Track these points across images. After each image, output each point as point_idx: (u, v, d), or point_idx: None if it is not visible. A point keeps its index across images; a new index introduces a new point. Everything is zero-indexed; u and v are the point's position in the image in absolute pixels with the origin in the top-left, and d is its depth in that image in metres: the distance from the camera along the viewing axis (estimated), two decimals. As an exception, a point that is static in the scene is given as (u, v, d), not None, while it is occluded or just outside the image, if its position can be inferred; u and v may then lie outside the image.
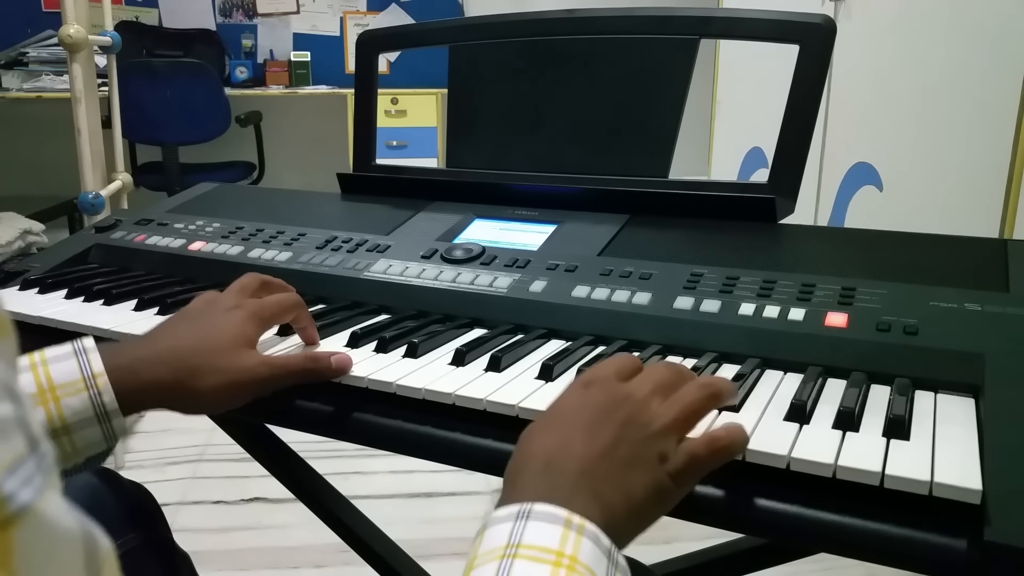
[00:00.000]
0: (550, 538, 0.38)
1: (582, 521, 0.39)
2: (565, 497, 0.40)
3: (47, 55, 3.51)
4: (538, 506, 0.39)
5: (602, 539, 0.39)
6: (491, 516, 0.41)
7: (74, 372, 0.53)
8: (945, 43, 2.02)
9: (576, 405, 0.47)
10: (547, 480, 0.42)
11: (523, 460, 0.44)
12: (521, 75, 0.93)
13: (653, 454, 0.44)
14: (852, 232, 0.77)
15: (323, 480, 1.08)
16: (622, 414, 0.45)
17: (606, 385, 0.48)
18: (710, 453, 0.45)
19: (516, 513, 0.39)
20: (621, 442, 0.44)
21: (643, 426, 0.45)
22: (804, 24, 0.79)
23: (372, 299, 0.76)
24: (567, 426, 0.45)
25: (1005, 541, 0.39)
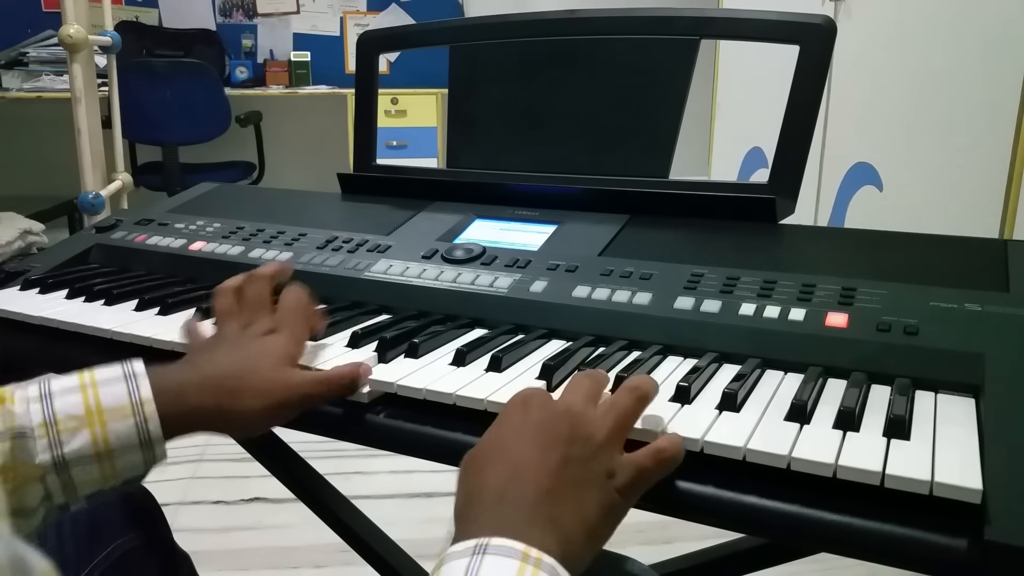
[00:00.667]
0: (507, 573, 0.38)
1: (539, 555, 0.39)
2: (521, 529, 0.40)
3: (47, 55, 3.51)
4: (495, 540, 0.39)
5: (559, 572, 0.39)
6: (447, 552, 0.40)
7: (122, 397, 0.52)
8: (945, 43, 2.02)
9: (518, 427, 0.47)
10: (502, 512, 0.42)
11: (475, 493, 0.44)
12: (521, 75, 0.93)
13: (601, 471, 0.45)
14: (852, 232, 0.77)
15: (323, 480, 1.08)
16: (564, 430, 0.46)
17: (543, 401, 0.48)
18: (657, 464, 0.46)
19: (473, 548, 0.39)
20: (569, 462, 0.44)
21: (587, 440, 0.46)
22: (804, 24, 0.79)
23: (372, 299, 0.76)
24: (514, 452, 0.45)
25: (1005, 541, 0.39)
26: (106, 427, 0.52)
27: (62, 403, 0.52)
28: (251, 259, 0.84)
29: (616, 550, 0.54)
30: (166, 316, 0.73)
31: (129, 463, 0.53)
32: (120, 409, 0.52)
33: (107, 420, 0.52)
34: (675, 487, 0.48)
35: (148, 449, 0.53)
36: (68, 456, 0.51)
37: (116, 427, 0.52)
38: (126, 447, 0.52)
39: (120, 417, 0.52)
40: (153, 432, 0.52)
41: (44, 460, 0.50)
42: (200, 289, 0.80)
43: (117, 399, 0.52)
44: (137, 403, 0.52)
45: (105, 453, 0.52)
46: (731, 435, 0.48)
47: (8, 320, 0.75)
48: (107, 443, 0.51)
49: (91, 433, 0.51)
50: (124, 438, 0.52)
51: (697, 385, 0.55)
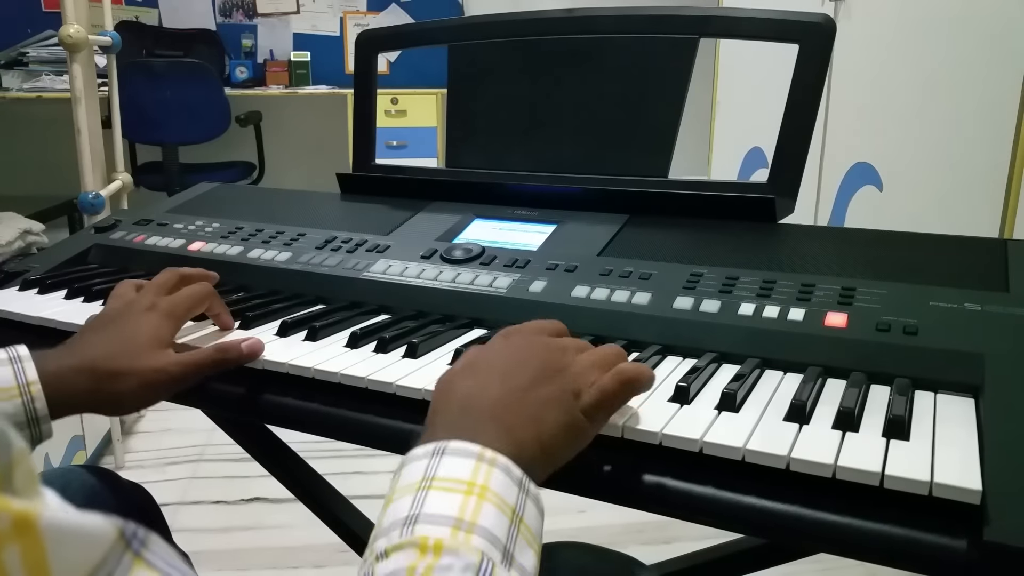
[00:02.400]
0: (463, 470, 0.40)
1: (494, 455, 0.41)
2: (478, 434, 0.43)
3: (47, 55, 3.51)
4: (453, 443, 0.42)
5: (513, 470, 0.41)
6: (409, 454, 0.42)
7: (9, 379, 0.55)
8: (945, 43, 2.02)
9: (496, 352, 0.50)
10: (463, 421, 0.45)
11: (442, 404, 0.47)
12: (521, 75, 0.93)
13: (567, 392, 0.47)
14: (852, 232, 0.77)
15: (323, 480, 1.08)
16: (540, 358, 0.49)
17: (527, 335, 0.52)
18: (618, 384, 0.48)
19: (432, 451, 0.42)
20: (537, 382, 0.47)
21: (559, 368, 0.48)
22: (804, 24, 0.79)
23: (372, 299, 0.76)
24: (485, 371, 0.48)
25: (1005, 541, 0.39)
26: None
27: None
28: (250, 259, 0.83)
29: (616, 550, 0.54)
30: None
31: None
32: (7, 391, 0.55)
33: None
34: (675, 487, 0.48)
35: (35, 427, 0.56)
36: None
37: (3, 407, 0.54)
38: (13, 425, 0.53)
39: (7, 398, 0.55)
40: (40, 411, 0.55)
41: None
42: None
43: (4, 381, 0.55)
44: (24, 384, 0.55)
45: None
46: (730, 435, 0.48)
47: (7, 320, 0.75)
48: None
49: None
50: (11, 417, 0.55)
51: (696, 385, 0.55)
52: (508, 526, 0.39)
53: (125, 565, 0.23)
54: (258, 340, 0.63)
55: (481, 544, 0.37)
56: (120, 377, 0.58)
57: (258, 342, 0.63)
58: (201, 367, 0.61)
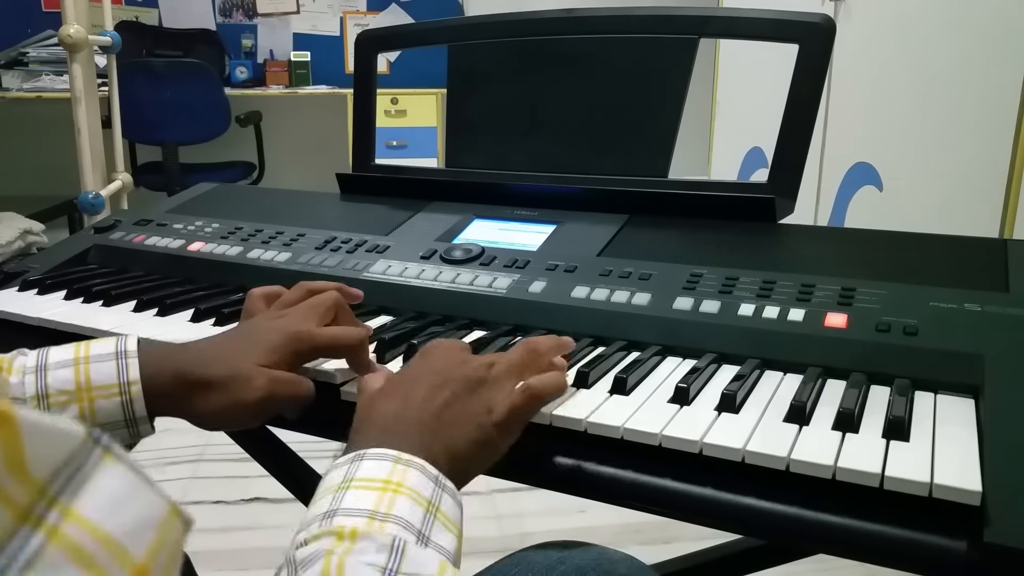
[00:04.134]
0: (380, 471, 0.42)
1: (410, 457, 0.44)
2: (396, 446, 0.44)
3: (47, 55, 3.51)
4: (372, 450, 0.44)
5: (428, 468, 0.44)
6: (333, 464, 0.45)
7: (111, 376, 0.54)
8: (945, 43, 2.02)
9: (416, 370, 0.52)
10: (381, 437, 0.46)
11: (365, 420, 0.49)
12: (521, 75, 0.93)
13: (481, 408, 0.49)
14: (852, 232, 0.77)
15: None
16: (458, 374, 0.50)
17: (447, 351, 0.53)
18: (525, 400, 0.50)
19: (352, 457, 0.44)
20: (453, 399, 0.49)
21: (476, 382, 0.50)
22: (804, 24, 0.79)
23: (371, 300, 0.76)
24: (405, 392, 0.50)
25: (1005, 542, 0.39)
26: (93, 404, 0.53)
27: (54, 377, 0.53)
28: (250, 259, 0.83)
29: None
30: (164, 317, 0.73)
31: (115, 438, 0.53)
32: (108, 388, 0.53)
33: (95, 397, 0.53)
34: (674, 488, 0.48)
35: (133, 427, 0.54)
36: None
37: (103, 404, 0.53)
38: (111, 424, 0.53)
39: (107, 395, 0.53)
40: (138, 412, 0.54)
41: None
42: (199, 289, 0.80)
43: (106, 377, 0.54)
44: (125, 383, 0.54)
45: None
46: (730, 436, 0.48)
47: (7, 321, 0.75)
48: (93, 419, 0.53)
49: (79, 408, 0.53)
50: (110, 415, 0.53)
51: (696, 386, 0.55)
52: (423, 514, 0.41)
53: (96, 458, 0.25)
54: None
55: (395, 530, 0.39)
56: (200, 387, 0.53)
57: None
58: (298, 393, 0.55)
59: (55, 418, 0.24)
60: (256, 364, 0.54)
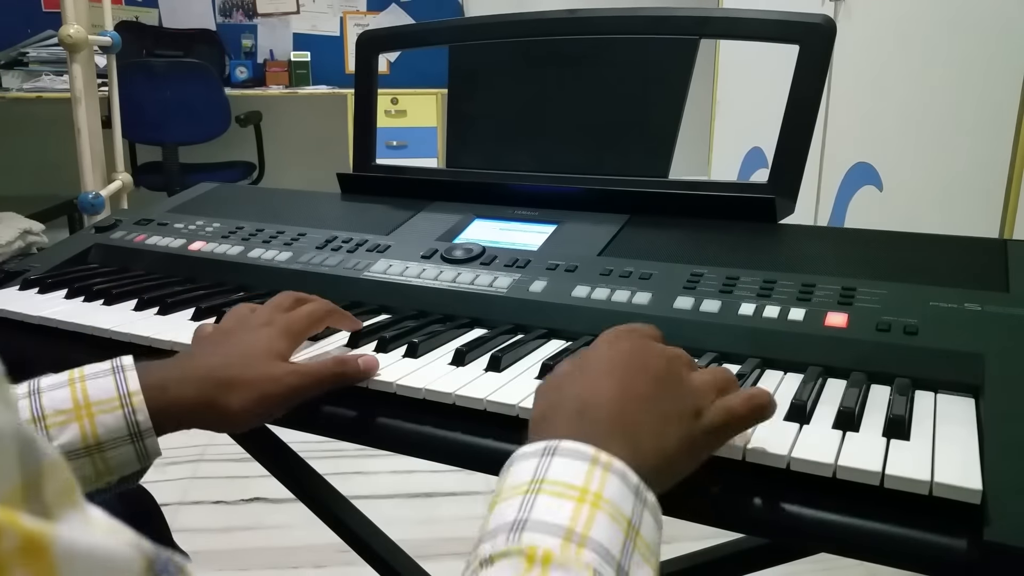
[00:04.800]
0: (575, 474, 0.37)
1: (609, 459, 0.38)
2: (595, 436, 0.40)
3: (47, 55, 3.51)
4: (565, 443, 0.39)
5: (630, 476, 0.38)
6: (518, 452, 0.40)
7: (110, 390, 0.52)
8: (945, 43, 2.02)
9: (606, 355, 0.46)
10: (577, 422, 0.42)
11: (552, 407, 0.44)
12: (521, 75, 0.93)
13: (688, 409, 0.44)
14: (852, 232, 0.77)
15: (323, 480, 1.08)
16: (656, 366, 0.45)
17: (636, 340, 0.48)
18: (749, 410, 0.45)
19: (543, 449, 0.39)
20: (656, 393, 0.44)
21: (677, 381, 0.45)
22: (804, 24, 0.79)
23: (372, 299, 0.76)
24: (599, 374, 0.45)
25: (1005, 541, 0.39)
26: (94, 420, 0.51)
27: (50, 398, 0.52)
28: (250, 259, 0.84)
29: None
30: (165, 316, 0.73)
31: (121, 457, 0.52)
32: (108, 402, 0.52)
33: (95, 413, 0.51)
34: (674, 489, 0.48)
35: (139, 442, 0.52)
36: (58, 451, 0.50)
37: (104, 419, 0.51)
38: (116, 440, 0.52)
39: (108, 409, 0.52)
40: (142, 424, 0.52)
41: None
42: (199, 289, 0.80)
43: (105, 392, 0.52)
44: (125, 395, 0.52)
45: (95, 446, 0.51)
46: (730, 435, 0.48)
47: (7, 320, 0.75)
48: (96, 436, 0.51)
49: (80, 427, 0.51)
50: (113, 431, 0.52)
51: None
52: (623, 540, 0.36)
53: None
54: (372, 357, 0.59)
55: (593, 559, 0.35)
56: (233, 387, 0.54)
57: (373, 359, 0.59)
58: (319, 379, 0.56)
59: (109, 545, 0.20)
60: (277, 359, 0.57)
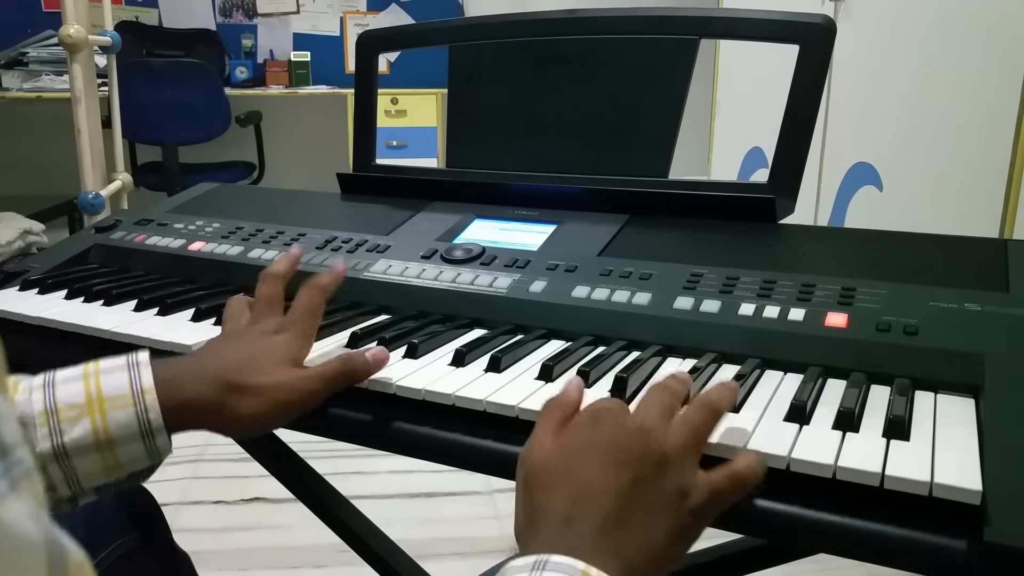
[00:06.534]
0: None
1: (600, 574, 0.39)
2: (584, 554, 0.40)
3: (47, 55, 3.51)
4: (555, 557, 0.39)
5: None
6: (508, 566, 0.40)
7: (124, 386, 0.52)
8: (945, 43, 2.02)
9: (587, 446, 0.45)
10: (566, 536, 0.42)
11: (539, 513, 0.44)
12: (521, 75, 0.93)
13: (673, 491, 0.43)
14: (852, 232, 0.77)
15: (323, 480, 1.08)
16: (636, 448, 0.44)
17: (614, 418, 0.46)
18: (733, 486, 0.44)
19: (532, 564, 0.39)
20: (640, 483, 0.43)
21: (660, 460, 0.44)
22: (804, 24, 0.79)
23: (372, 299, 0.76)
24: (582, 473, 0.44)
25: (1005, 541, 0.39)
26: (106, 416, 0.51)
27: (64, 391, 0.51)
28: (250, 259, 0.84)
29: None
30: (165, 316, 0.73)
31: (131, 454, 0.52)
32: (121, 398, 0.51)
33: (107, 409, 0.51)
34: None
35: (150, 439, 0.52)
36: (68, 445, 0.50)
37: (116, 416, 0.51)
38: (126, 436, 0.51)
39: (120, 406, 0.51)
40: (154, 422, 0.52)
41: (44, 449, 0.50)
42: (199, 289, 0.80)
43: (118, 387, 0.52)
44: (138, 392, 0.52)
45: (106, 443, 0.51)
46: (730, 436, 0.48)
47: (7, 320, 0.75)
48: (107, 432, 0.51)
49: (91, 422, 0.51)
50: (124, 427, 0.51)
51: (697, 386, 0.55)
52: None
53: None
54: (382, 350, 0.59)
55: None
56: (249, 392, 0.54)
57: (382, 351, 0.59)
58: (331, 380, 0.56)
59: None
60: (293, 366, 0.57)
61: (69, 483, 0.51)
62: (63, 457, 0.50)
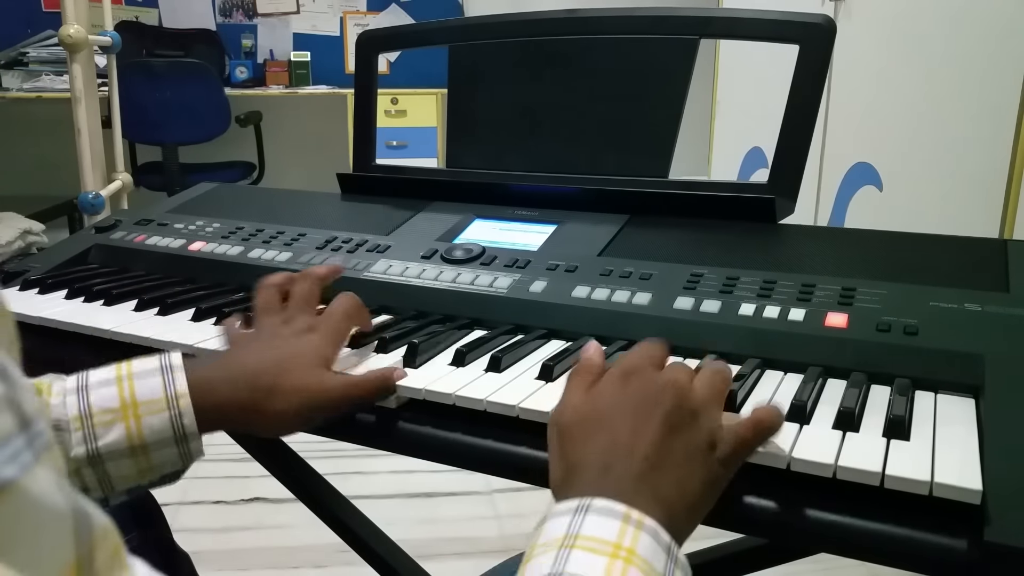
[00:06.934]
0: (608, 531, 0.38)
1: (641, 516, 0.39)
2: (626, 497, 0.40)
3: (47, 55, 3.51)
4: (598, 501, 0.40)
5: (661, 535, 0.39)
6: (551, 509, 0.41)
7: (158, 390, 0.52)
8: (945, 43, 2.02)
9: (619, 399, 0.46)
10: (606, 482, 0.42)
11: (577, 464, 0.44)
12: (521, 75, 0.93)
13: (703, 442, 0.44)
14: (852, 232, 0.77)
15: (323, 480, 1.08)
16: (667, 402, 0.45)
17: (645, 374, 0.47)
18: (755, 435, 0.45)
19: (576, 507, 0.40)
20: (673, 433, 0.44)
21: (688, 413, 0.45)
22: (804, 24, 0.79)
23: (372, 299, 0.76)
24: (615, 426, 0.45)
25: (1005, 541, 0.39)
26: (140, 421, 0.51)
27: (98, 396, 0.51)
28: (250, 259, 0.84)
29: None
30: (165, 316, 0.73)
31: (165, 457, 0.52)
32: (155, 403, 0.52)
33: (141, 414, 0.51)
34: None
35: (183, 444, 0.52)
36: (103, 450, 0.51)
37: (150, 421, 0.51)
38: (161, 441, 0.52)
39: (155, 411, 0.51)
40: (188, 427, 0.52)
41: (79, 453, 0.50)
42: (200, 289, 0.80)
43: (152, 392, 0.52)
44: (172, 397, 0.52)
45: (140, 447, 0.51)
46: (731, 435, 0.48)
47: (7, 320, 0.75)
48: (141, 437, 0.51)
49: (126, 427, 0.51)
50: (158, 432, 0.51)
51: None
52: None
53: None
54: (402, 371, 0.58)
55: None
56: (279, 393, 0.54)
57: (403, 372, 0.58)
58: (370, 392, 0.56)
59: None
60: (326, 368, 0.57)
61: (102, 486, 0.52)
62: (97, 461, 0.51)
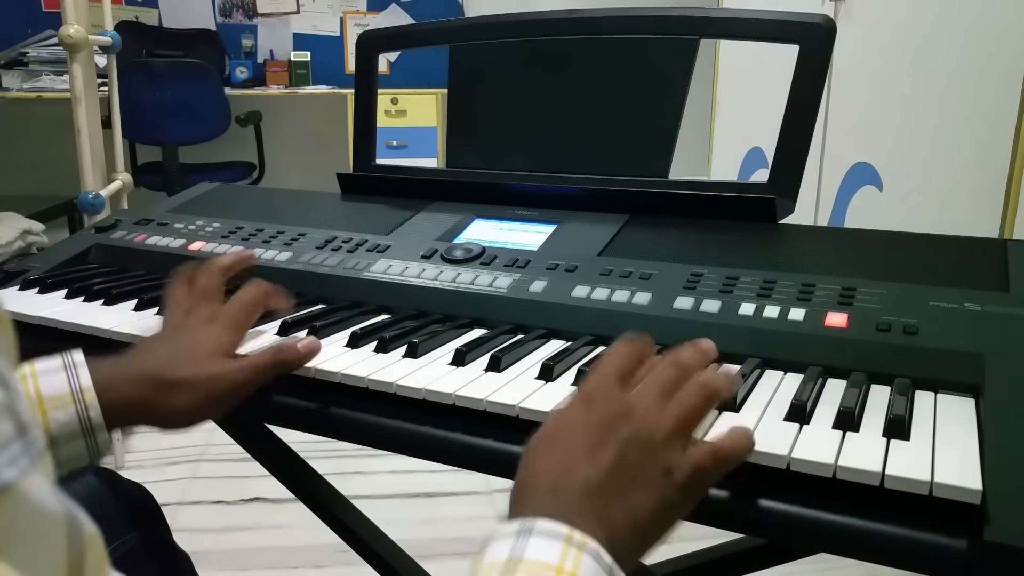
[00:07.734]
0: (550, 554, 0.38)
1: (584, 538, 0.39)
2: (569, 518, 0.40)
3: (47, 55, 3.51)
4: (540, 522, 0.40)
5: (603, 557, 0.39)
6: (494, 531, 0.41)
7: (63, 386, 0.53)
8: (945, 43, 2.02)
9: (578, 424, 0.46)
10: (552, 502, 0.42)
11: (528, 482, 0.44)
12: (521, 75, 0.93)
13: (658, 470, 0.44)
14: (852, 232, 0.77)
15: (323, 480, 1.08)
16: (625, 431, 0.45)
17: (608, 400, 0.47)
18: (715, 463, 0.45)
19: (518, 529, 0.40)
20: (625, 461, 0.44)
21: (647, 441, 0.45)
22: (804, 24, 0.79)
23: (372, 299, 0.76)
24: (569, 448, 0.45)
25: (1005, 541, 0.39)
26: (47, 415, 0.52)
27: None
28: (250, 259, 0.83)
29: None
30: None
31: (72, 452, 0.53)
32: (61, 398, 0.53)
33: (47, 409, 0.52)
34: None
35: (91, 437, 0.53)
36: None
37: (56, 415, 0.52)
38: (68, 435, 0.53)
39: (60, 405, 0.52)
40: (94, 419, 0.53)
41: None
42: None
43: (57, 388, 0.53)
44: (77, 391, 0.53)
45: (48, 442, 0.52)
46: (730, 435, 0.48)
47: (7, 320, 0.75)
48: (48, 432, 0.52)
49: None
50: (65, 426, 0.52)
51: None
52: None
53: None
54: (314, 340, 0.61)
55: None
56: (178, 387, 0.55)
57: (314, 341, 0.61)
58: (261, 369, 0.58)
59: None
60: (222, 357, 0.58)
61: None
62: None
